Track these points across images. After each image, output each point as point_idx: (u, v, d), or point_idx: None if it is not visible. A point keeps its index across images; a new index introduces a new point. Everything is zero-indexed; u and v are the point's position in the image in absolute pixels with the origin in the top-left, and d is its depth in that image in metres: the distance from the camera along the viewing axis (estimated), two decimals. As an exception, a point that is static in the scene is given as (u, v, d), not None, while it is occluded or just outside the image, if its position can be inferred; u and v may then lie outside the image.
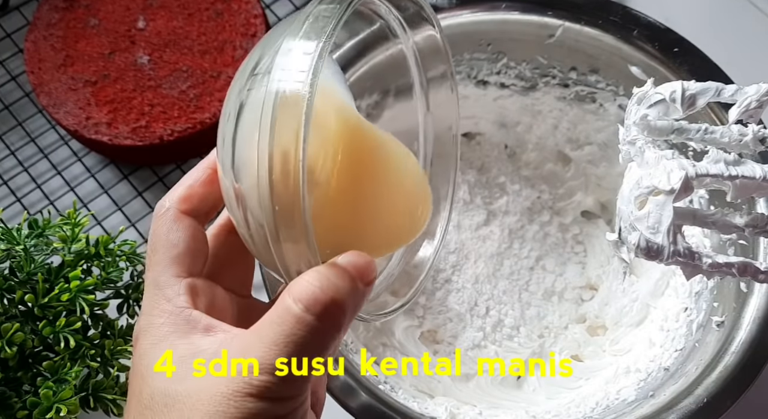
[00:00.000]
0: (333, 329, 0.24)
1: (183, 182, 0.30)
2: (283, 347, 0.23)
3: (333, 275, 0.24)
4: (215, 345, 0.25)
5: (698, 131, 0.31)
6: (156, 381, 0.25)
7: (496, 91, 0.54)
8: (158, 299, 0.27)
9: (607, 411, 0.43)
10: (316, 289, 0.24)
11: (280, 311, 0.23)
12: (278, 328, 0.23)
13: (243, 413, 0.23)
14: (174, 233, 0.28)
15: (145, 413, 0.24)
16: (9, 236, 0.43)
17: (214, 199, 0.30)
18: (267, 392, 0.23)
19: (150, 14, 0.60)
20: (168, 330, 0.26)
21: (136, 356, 0.26)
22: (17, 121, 0.62)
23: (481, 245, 0.54)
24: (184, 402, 0.24)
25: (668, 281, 0.50)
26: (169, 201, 0.29)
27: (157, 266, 0.28)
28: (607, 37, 0.48)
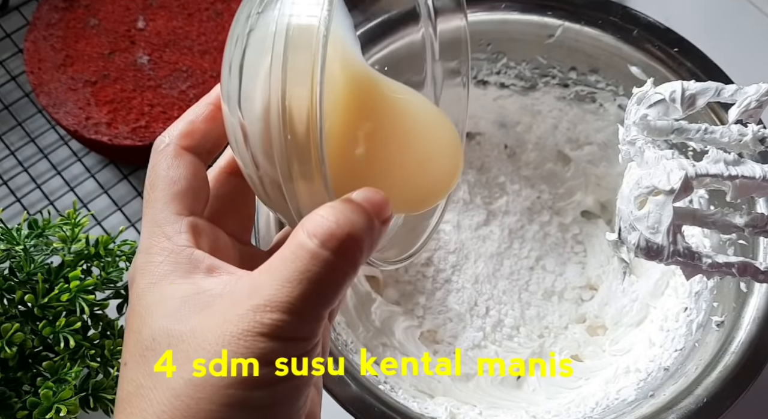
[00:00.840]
0: (348, 266, 0.23)
1: (184, 117, 0.28)
2: (296, 284, 0.22)
3: (349, 210, 0.23)
4: (220, 285, 0.24)
5: (698, 131, 0.31)
6: (157, 320, 0.23)
7: (496, 91, 0.54)
8: (157, 237, 0.25)
9: (607, 411, 0.43)
10: (332, 224, 0.22)
11: (293, 248, 0.22)
12: (292, 264, 0.22)
13: (254, 353, 0.21)
14: (175, 169, 0.27)
15: (146, 354, 0.23)
16: (9, 236, 0.43)
17: (217, 136, 0.28)
18: (279, 331, 0.22)
19: (150, 14, 0.60)
20: (168, 269, 0.25)
21: (134, 296, 0.25)
22: (17, 121, 0.62)
23: (481, 245, 0.54)
24: (189, 342, 0.22)
25: (668, 281, 0.50)
26: (169, 137, 0.27)
27: (157, 203, 0.26)
28: (607, 37, 0.48)
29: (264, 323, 0.21)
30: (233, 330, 0.22)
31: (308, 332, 0.22)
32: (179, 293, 0.24)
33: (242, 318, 0.22)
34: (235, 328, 0.22)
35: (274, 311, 0.21)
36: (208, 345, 0.22)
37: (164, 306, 0.23)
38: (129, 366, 0.24)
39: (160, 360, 0.23)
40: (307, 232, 0.22)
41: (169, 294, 0.24)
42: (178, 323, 0.23)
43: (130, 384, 0.23)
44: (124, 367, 0.24)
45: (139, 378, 0.23)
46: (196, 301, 0.23)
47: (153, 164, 0.27)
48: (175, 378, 0.22)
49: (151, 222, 0.26)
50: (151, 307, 0.24)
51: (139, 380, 0.23)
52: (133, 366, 0.23)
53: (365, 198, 0.23)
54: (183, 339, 0.22)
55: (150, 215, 0.26)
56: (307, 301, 0.22)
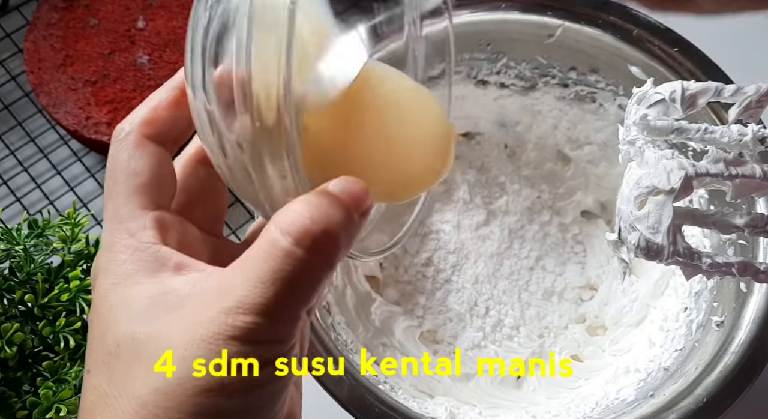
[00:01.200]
0: (324, 264, 0.21)
1: (146, 103, 0.26)
2: (270, 284, 0.20)
3: (324, 203, 0.21)
4: (188, 284, 0.22)
5: (698, 131, 0.31)
6: (121, 324, 0.22)
7: (496, 91, 0.54)
8: (119, 234, 0.24)
9: (606, 411, 0.43)
10: (306, 220, 0.21)
11: (266, 246, 0.21)
12: (264, 264, 0.20)
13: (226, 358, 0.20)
14: (137, 160, 0.25)
15: (109, 361, 0.22)
16: (9, 236, 0.43)
17: (183, 124, 0.26)
18: (252, 334, 0.20)
19: (150, 14, 0.60)
20: (132, 268, 0.23)
21: (96, 297, 0.23)
22: (17, 121, 0.62)
23: (481, 245, 0.54)
24: (156, 348, 0.21)
25: (668, 281, 0.50)
26: (129, 125, 0.25)
27: (118, 197, 0.24)
28: (607, 37, 0.48)
29: (236, 326, 0.20)
30: (203, 334, 0.20)
31: (283, 334, 0.21)
32: (145, 293, 0.22)
33: (213, 320, 0.20)
34: (205, 331, 0.20)
35: (246, 313, 0.20)
36: (178, 350, 0.20)
37: (129, 308, 0.22)
38: (92, 374, 0.22)
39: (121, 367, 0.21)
40: (280, 229, 0.21)
41: (134, 295, 0.22)
42: (143, 326, 0.21)
43: (93, 393, 0.22)
44: (87, 375, 0.22)
45: (103, 386, 0.21)
46: (163, 302, 0.22)
47: (113, 155, 0.25)
48: (142, 386, 0.21)
49: (112, 218, 0.24)
50: (114, 309, 0.22)
51: (102, 388, 0.21)
52: (96, 374, 0.22)
53: (343, 189, 0.22)
54: (149, 344, 0.21)
55: (111, 210, 0.24)
56: (281, 302, 0.20)
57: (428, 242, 0.54)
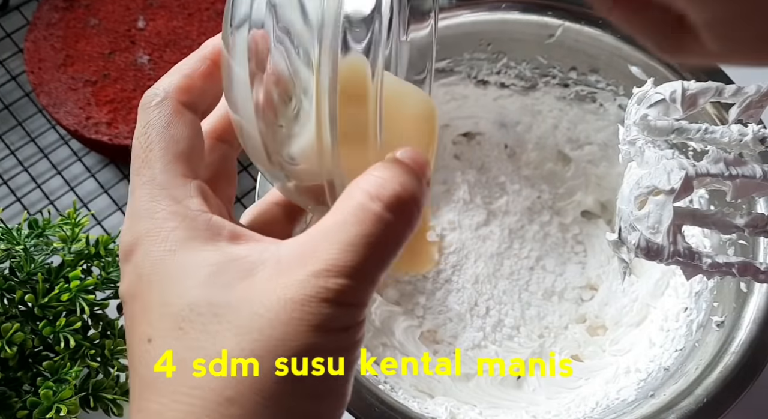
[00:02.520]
0: (409, 228, 0.22)
1: (178, 70, 0.25)
2: (361, 248, 0.20)
3: (405, 171, 0.22)
4: (254, 252, 0.21)
5: (698, 131, 0.31)
6: (191, 290, 0.21)
7: (496, 91, 0.54)
8: (163, 201, 0.22)
9: (607, 411, 0.43)
10: (397, 185, 0.21)
11: (354, 210, 0.21)
12: (354, 228, 0.20)
13: (319, 319, 0.20)
14: (175, 127, 0.24)
15: (183, 326, 0.21)
16: (9, 236, 0.43)
17: (212, 97, 0.25)
18: (344, 297, 0.20)
19: (150, 14, 0.60)
20: (186, 235, 0.22)
21: (145, 265, 0.22)
22: (17, 121, 0.62)
23: (481, 245, 0.54)
24: (243, 310, 0.20)
25: (668, 281, 0.50)
26: (164, 90, 0.24)
27: (157, 163, 0.23)
28: (607, 37, 0.48)
29: (329, 288, 0.20)
30: (294, 296, 0.20)
31: (367, 296, 0.21)
32: (210, 260, 0.21)
33: (304, 283, 0.20)
34: (296, 293, 0.20)
35: (338, 276, 0.20)
36: (268, 311, 0.20)
37: (195, 275, 0.21)
38: (157, 343, 0.21)
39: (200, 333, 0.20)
40: (369, 194, 0.21)
41: (197, 262, 0.21)
42: (220, 291, 0.21)
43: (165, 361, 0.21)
44: (146, 344, 0.21)
45: (179, 352, 0.20)
46: (233, 268, 0.21)
47: (147, 120, 0.24)
48: (233, 349, 0.20)
49: (151, 184, 0.23)
50: (176, 276, 0.21)
51: (179, 354, 0.20)
52: (164, 341, 0.21)
53: (412, 159, 0.22)
54: (233, 307, 0.20)
55: (149, 177, 0.23)
56: (370, 265, 0.21)
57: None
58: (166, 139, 0.24)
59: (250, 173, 0.59)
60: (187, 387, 0.20)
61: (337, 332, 0.20)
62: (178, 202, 0.22)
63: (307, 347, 0.20)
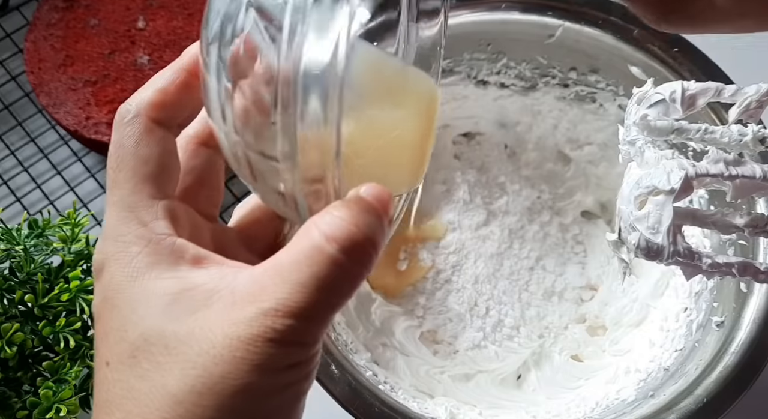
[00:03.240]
0: (364, 270, 0.21)
1: (152, 84, 0.25)
2: (312, 289, 0.20)
3: (365, 211, 0.21)
4: (212, 280, 0.22)
5: (698, 131, 0.31)
6: (146, 319, 0.21)
7: (496, 91, 0.54)
8: (130, 223, 0.23)
9: (607, 411, 0.43)
10: (353, 227, 0.21)
11: (308, 250, 0.21)
12: (307, 269, 0.20)
13: (263, 359, 0.20)
14: (144, 147, 0.24)
15: (136, 355, 0.21)
16: (9, 236, 0.43)
17: (190, 108, 0.25)
18: (290, 337, 0.20)
19: (150, 14, 0.60)
20: (149, 260, 0.22)
21: (109, 288, 0.22)
22: (17, 121, 0.62)
23: (481, 245, 0.54)
24: (189, 345, 0.21)
25: (668, 281, 0.50)
26: (136, 107, 0.24)
27: (126, 185, 0.23)
28: (607, 37, 0.48)
29: (275, 329, 0.20)
30: (242, 334, 0.20)
31: (316, 337, 0.21)
32: (168, 289, 0.22)
33: (252, 321, 0.20)
34: (243, 332, 0.20)
35: (286, 316, 0.20)
36: (215, 349, 0.20)
37: (152, 304, 0.22)
38: (113, 367, 0.22)
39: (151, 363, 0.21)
40: (325, 235, 0.21)
41: (157, 290, 0.22)
42: (172, 323, 0.21)
43: (117, 387, 0.21)
44: (105, 367, 0.22)
45: (131, 380, 0.21)
46: (189, 298, 0.22)
47: (117, 139, 0.24)
48: (176, 384, 0.20)
49: (120, 206, 0.23)
50: (135, 304, 0.22)
51: (130, 382, 0.21)
52: (119, 367, 0.22)
53: (375, 196, 0.22)
54: (181, 341, 0.21)
55: (119, 198, 0.23)
56: (320, 307, 0.21)
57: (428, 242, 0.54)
58: (134, 159, 0.24)
59: None
60: (134, 415, 0.21)
61: (281, 370, 0.21)
62: (144, 224, 0.23)
63: (248, 386, 0.20)
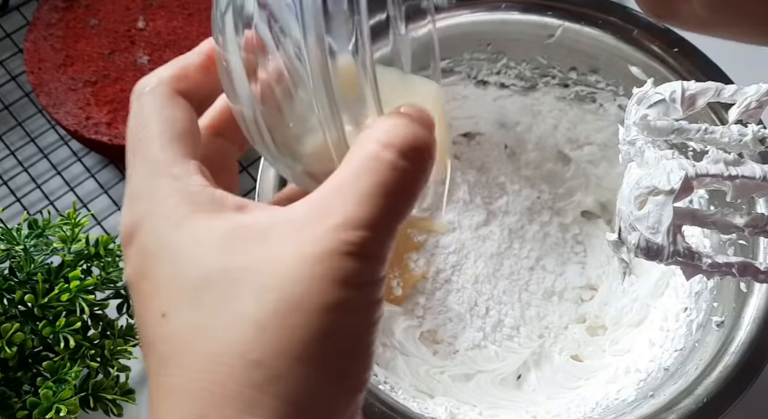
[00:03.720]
0: (423, 176, 0.21)
1: (173, 63, 0.24)
2: (378, 198, 0.20)
3: (413, 120, 0.21)
4: (264, 217, 0.21)
5: (698, 131, 0.31)
6: (204, 259, 0.20)
7: (496, 91, 0.54)
8: (161, 178, 0.21)
9: (607, 411, 0.43)
10: (408, 132, 0.20)
11: (367, 162, 0.20)
12: (370, 179, 0.20)
13: (343, 273, 0.19)
14: (169, 110, 0.23)
15: (199, 296, 0.20)
16: (9, 236, 0.43)
17: (210, 90, 0.25)
18: (364, 249, 0.19)
19: (150, 14, 0.60)
20: (190, 209, 0.21)
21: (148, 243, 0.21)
22: (17, 121, 0.62)
23: (481, 245, 0.54)
24: (261, 271, 0.19)
25: (668, 281, 0.50)
26: (157, 79, 0.24)
27: (153, 142, 0.22)
28: (607, 37, 0.48)
29: (349, 241, 0.19)
30: (315, 251, 0.19)
31: (386, 250, 0.20)
32: (219, 230, 0.20)
33: (322, 238, 0.19)
34: (316, 249, 0.19)
35: (357, 228, 0.19)
36: (289, 269, 0.19)
37: (206, 244, 0.20)
38: (172, 316, 0.20)
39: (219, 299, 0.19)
40: (380, 143, 0.20)
41: (207, 232, 0.20)
42: (235, 257, 0.20)
43: (183, 334, 0.20)
44: (161, 319, 0.20)
45: (201, 321, 0.20)
46: (245, 234, 0.20)
47: (139, 107, 0.23)
48: (256, 311, 0.19)
49: (148, 163, 0.22)
50: (185, 248, 0.20)
51: (200, 323, 0.19)
52: (181, 314, 0.20)
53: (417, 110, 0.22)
54: (249, 270, 0.19)
55: (143, 156, 0.22)
56: (388, 215, 0.20)
57: (428, 242, 0.54)
58: (160, 120, 0.23)
59: (250, 173, 0.59)
60: (210, 356, 0.19)
61: (360, 286, 0.20)
62: (178, 179, 0.21)
63: (333, 302, 0.19)
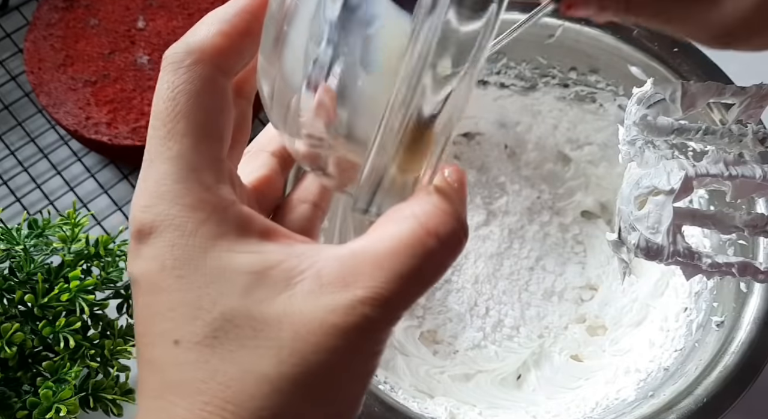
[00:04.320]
0: (453, 261, 0.21)
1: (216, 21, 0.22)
2: (410, 282, 0.20)
3: (458, 200, 0.21)
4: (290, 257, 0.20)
5: (698, 131, 0.31)
6: (229, 298, 0.20)
7: (496, 91, 0.54)
8: (191, 184, 0.20)
9: (606, 411, 0.43)
10: (453, 221, 0.21)
11: (409, 242, 0.20)
12: (408, 261, 0.20)
13: (360, 348, 0.20)
14: (209, 97, 0.21)
15: (219, 336, 0.19)
16: (9, 236, 0.43)
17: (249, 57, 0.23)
18: (384, 325, 0.20)
19: (150, 14, 0.60)
20: (217, 231, 0.20)
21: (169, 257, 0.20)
22: (17, 121, 0.62)
23: (481, 245, 0.54)
24: (283, 329, 0.19)
25: (668, 281, 0.50)
26: (199, 49, 0.21)
27: (186, 139, 0.20)
28: (607, 37, 0.48)
29: (372, 318, 0.19)
30: (339, 322, 0.19)
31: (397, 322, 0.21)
32: (246, 266, 0.20)
33: (348, 310, 0.19)
34: (341, 320, 0.19)
35: (384, 306, 0.20)
36: (311, 335, 0.19)
37: (231, 281, 0.20)
38: (187, 346, 0.20)
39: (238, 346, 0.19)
40: (427, 229, 0.20)
41: (234, 266, 0.20)
42: (258, 304, 0.20)
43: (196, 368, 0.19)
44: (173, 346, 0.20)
45: (213, 361, 0.19)
46: (271, 278, 0.20)
47: (176, 84, 0.21)
48: (272, 371, 0.19)
49: (179, 162, 0.20)
50: (211, 278, 0.20)
51: (212, 363, 0.19)
52: (196, 348, 0.19)
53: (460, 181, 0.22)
54: (270, 324, 0.19)
55: (176, 152, 0.20)
56: (414, 297, 0.20)
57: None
58: (197, 110, 0.21)
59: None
60: (220, 400, 0.19)
61: (370, 357, 0.21)
62: (208, 188, 0.20)
63: (346, 374, 0.20)
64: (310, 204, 0.27)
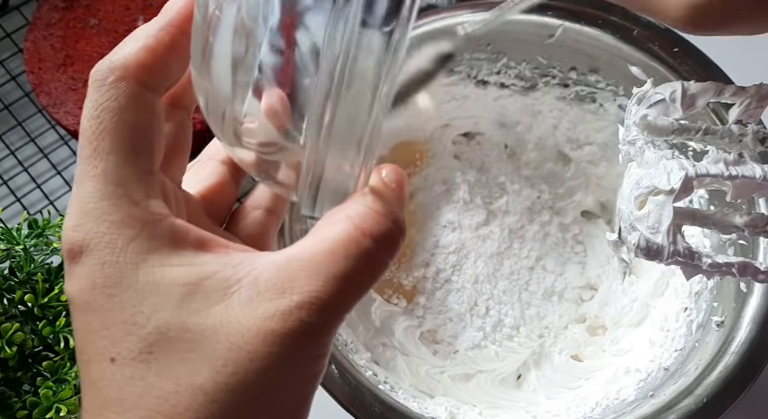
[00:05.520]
0: (391, 261, 0.21)
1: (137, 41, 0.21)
2: (346, 284, 0.20)
3: (394, 200, 0.21)
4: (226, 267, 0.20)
5: (698, 131, 0.31)
6: (163, 312, 0.19)
7: (496, 91, 0.54)
8: (120, 201, 0.20)
9: (607, 411, 0.43)
10: (389, 221, 0.21)
11: (345, 244, 0.20)
12: (344, 263, 0.20)
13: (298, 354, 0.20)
14: (133, 113, 0.21)
15: (153, 351, 0.19)
16: (9, 236, 0.43)
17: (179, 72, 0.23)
18: (323, 329, 0.20)
19: (150, 14, 0.60)
20: (148, 246, 0.20)
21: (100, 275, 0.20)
22: (17, 121, 0.62)
23: (481, 245, 0.54)
24: (218, 340, 0.19)
25: (668, 281, 0.50)
26: (122, 66, 0.21)
27: (111, 156, 0.20)
28: (607, 37, 0.48)
29: (311, 323, 0.19)
30: (276, 329, 0.19)
31: (339, 326, 0.21)
32: (180, 278, 0.20)
33: (286, 315, 0.19)
34: (278, 326, 0.19)
35: (321, 310, 0.19)
36: (247, 344, 0.19)
37: (165, 294, 0.20)
38: (122, 363, 0.20)
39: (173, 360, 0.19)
40: (362, 230, 0.20)
41: (166, 279, 0.20)
42: (192, 316, 0.19)
43: (132, 385, 0.19)
44: (109, 363, 0.20)
45: (148, 377, 0.19)
46: (206, 288, 0.20)
47: (98, 101, 0.21)
48: (207, 381, 0.19)
49: (104, 179, 0.20)
50: (143, 294, 0.20)
51: (148, 379, 0.19)
52: (131, 364, 0.20)
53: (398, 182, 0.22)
54: (206, 336, 0.19)
55: (101, 170, 0.20)
56: (353, 299, 0.20)
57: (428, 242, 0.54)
58: (122, 126, 0.20)
59: None
60: (157, 414, 0.19)
61: (311, 362, 0.20)
62: (137, 204, 0.20)
63: (282, 380, 0.20)
64: (263, 210, 0.27)
